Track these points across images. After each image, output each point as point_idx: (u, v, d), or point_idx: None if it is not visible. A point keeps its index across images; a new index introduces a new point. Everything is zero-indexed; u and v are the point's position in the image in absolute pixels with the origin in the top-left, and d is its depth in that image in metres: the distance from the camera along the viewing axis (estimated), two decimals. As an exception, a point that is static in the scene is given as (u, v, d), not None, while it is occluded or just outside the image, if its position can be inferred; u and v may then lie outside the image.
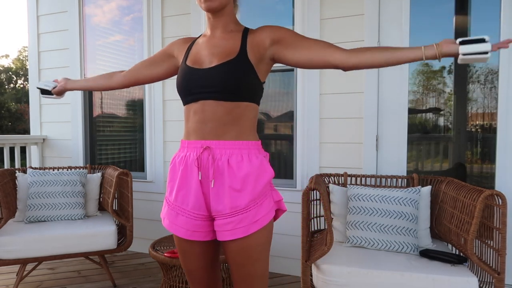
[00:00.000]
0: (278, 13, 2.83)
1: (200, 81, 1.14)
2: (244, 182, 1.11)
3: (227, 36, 1.19)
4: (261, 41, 1.16)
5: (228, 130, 1.13)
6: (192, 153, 1.15)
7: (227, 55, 1.15)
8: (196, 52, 1.22)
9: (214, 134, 1.13)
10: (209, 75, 1.14)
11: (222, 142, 1.12)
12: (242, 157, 1.12)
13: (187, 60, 1.22)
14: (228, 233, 1.11)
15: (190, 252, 1.19)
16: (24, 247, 2.25)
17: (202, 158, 1.13)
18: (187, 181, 1.15)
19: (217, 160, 1.12)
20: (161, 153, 3.13)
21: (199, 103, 1.15)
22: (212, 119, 1.13)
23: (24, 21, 33.09)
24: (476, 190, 1.75)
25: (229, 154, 1.12)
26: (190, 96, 1.16)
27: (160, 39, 3.08)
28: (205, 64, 1.17)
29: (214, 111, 1.12)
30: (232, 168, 1.11)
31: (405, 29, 2.42)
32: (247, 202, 1.10)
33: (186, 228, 1.15)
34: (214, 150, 1.12)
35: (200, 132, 1.14)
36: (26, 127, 17.62)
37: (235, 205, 1.10)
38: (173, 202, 1.18)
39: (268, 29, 1.18)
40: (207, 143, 1.13)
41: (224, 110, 1.12)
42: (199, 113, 1.14)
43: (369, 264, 1.75)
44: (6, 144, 3.24)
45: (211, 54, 1.17)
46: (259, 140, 1.20)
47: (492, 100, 2.38)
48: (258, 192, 1.12)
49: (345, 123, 2.56)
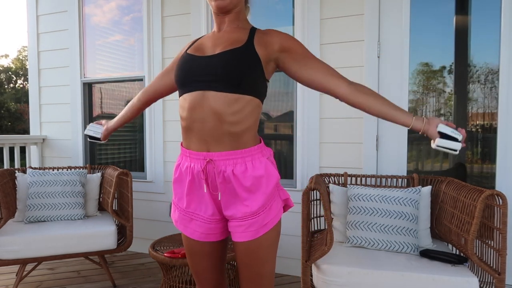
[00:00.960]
0: (278, 13, 2.82)
1: (200, 69, 1.09)
2: (251, 190, 1.11)
3: (234, 30, 1.16)
4: (270, 42, 1.13)
5: (228, 130, 1.07)
6: (196, 164, 1.12)
7: (232, 43, 1.10)
8: (200, 43, 1.19)
9: (213, 138, 1.08)
10: (211, 62, 1.08)
11: (224, 153, 1.08)
12: (246, 166, 1.10)
13: (188, 50, 1.19)
14: (239, 235, 1.13)
15: (200, 252, 1.20)
16: (24, 247, 2.25)
17: (207, 170, 1.11)
18: (197, 192, 1.15)
19: (222, 172, 1.10)
20: (161, 153, 3.12)
21: (197, 93, 1.08)
22: (211, 115, 1.06)
23: (24, 21, 33.07)
24: (476, 190, 1.75)
25: (233, 164, 1.09)
26: (188, 85, 1.10)
27: (160, 39, 3.08)
28: (207, 52, 1.13)
29: (213, 105, 1.05)
30: (238, 178, 1.10)
31: (405, 29, 2.41)
32: (256, 208, 1.11)
33: (201, 232, 1.17)
34: (218, 163, 1.09)
35: (200, 135, 1.09)
36: (26, 127, 17.62)
37: (244, 211, 1.12)
38: (185, 209, 1.19)
39: (279, 35, 1.15)
40: (209, 156, 1.09)
41: (225, 103, 1.05)
42: (197, 108, 1.07)
43: (369, 264, 1.75)
44: (6, 144, 3.24)
45: (215, 44, 1.14)
46: (260, 142, 1.17)
47: (492, 100, 2.38)
48: (266, 197, 1.12)
49: (345, 123, 2.56)
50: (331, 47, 2.57)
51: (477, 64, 2.41)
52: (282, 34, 1.15)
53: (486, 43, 2.36)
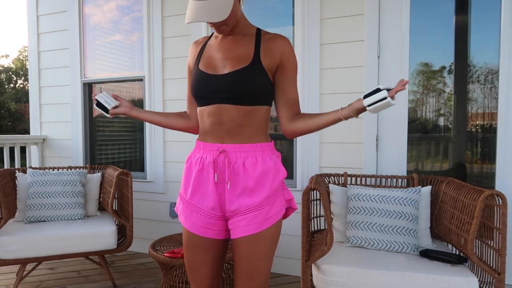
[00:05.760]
0: (278, 13, 2.82)
1: (214, 87, 1.16)
2: (259, 182, 1.16)
3: (240, 39, 1.19)
4: (274, 53, 1.17)
5: (244, 130, 1.16)
6: (208, 155, 1.19)
7: (240, 61, 1.15)
8: (209, 55, 1.22)
9: (230, 135, 1.16)
10: (223, 82, 1.15)
11: (237, 146, 1.16)
12: (256, 159, 1.17)
13: (199, 63, 1.22)
14: (241, 229, 1.15)
15: (197, 246, 1.21)
16: (24, 247, 2.25)
17: (218, 161, 1.17)
18: (203, 182, 1.19)
19: (232, 163, 1.16)
20: (161, 153, 3.13)
21: (214, 106, 1.17)
22: (228, 121, 1.16)
23: (24, 21, 33.03)
24: (476, 190, 1.75)
25: (245, 157, 1.16)
26: (205, 99, 1.18)
27: (160, 39, 3.08)
28: (218, 69, 1.18)
29: (230, 114, 1.15)
30: (247, 170, 1.15)
31: (405, 29, 2.41)
32: (261, 200, 1.15)
33: (199, 225, 1.20)
34: (230, 154, 1.16)
35: (217, 133, 1.17)
36: (26, 127, 17.61)
37: (249, 203, 1.15)
38: (188, 201, 1.22)
39: (283, 46, 1.18)
40: (223, 147, 1.17)
41: (240, 114, 1.15)
42: (214, 116, 1.17)
43: (369, 264, 1.75)
44: (6, 144, 3.24)
45: (224, 58, 1.18)
46: (272, 141, 1.24)
47: (492, 100, 2.38)
48: (272, 190, 1.17)
49: (345, 123, 2.55)
50: (331, 47, 2.57)
51: (477, 64, 2.41)
52: (286, 46, 1.18)
53: (486, 43, 2.36)
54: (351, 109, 1.12)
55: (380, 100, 1.06)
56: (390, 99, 1.05)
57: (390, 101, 1.05)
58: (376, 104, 1.07)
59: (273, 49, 1.17)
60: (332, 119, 1.15)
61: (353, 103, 1.12)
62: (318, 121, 1.18)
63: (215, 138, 1.18)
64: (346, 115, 1.13)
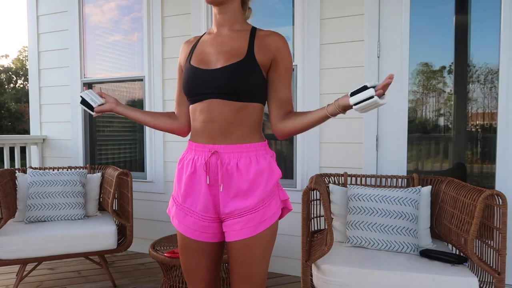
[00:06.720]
0: (278, 12, 2.82)
1: (206, 82, 1.13)
2: (253, 184, 1.12)
3: (234, 35, 1.17)
4: (268, 49, 1.14)
5: (236, 129, 1.13)
6: (200, 157, 1.15)
7: (234, 55, 1.13)
8: (201, 51, 1.19)
9: (221, 134, 1.13)
10: (215, 77, 1.12)
11: (229, 146, 1.12)
12: (250, 160, 1.13)
13: (191, 59, 1.20)
14: (236, 232, 1.12)
15: (193, 250, 1.19)
16: (24, 247, 2.25)
17: (211, 162, 1.13)
18: (195, 184, 1.16)
19: (225, 165, 1.12)
20: (161, 153, 3.13)
21: (205, 102, 1.14)
22: (220, 118, 1.12)
23: (24, 21, 33.06)
24: (476, 190, 1.75)
25: (238, 158, 1.12)
26: (197, 96, 1.15)
27: (160, 39, 3.08)
28: (211, 64, 1.15)
29: (221, 110, 1.12)
30: (241, 171, 1.12)
31: (405, 29, 2.41)
32: (256, 202, 1.12)
33: (194, 229, 1.17)
34: (222, 155, 1.12)
35: (208, 132, 1.14)
36: (26, 127, 17.62)
37: (244, 206, 1.12)
38: (181, 204, 1.19)
39: (277, 42, 1.15)
40: (215, 148, 1.13)
41: (232, 110, 1.12)
42: (206, 113, 1.14)
43: (369, 264, 1.75)
44: (6, 144, 3.24)
45: (217, 53, 1.15)
46: (265, 140, 1.21)
47: (492, 100, 2.38)
48: (267, 192, 1.14)
49: (345, 123, 2.56)
50: (331, 47, 2.57)
51: (477, 64, 2.41)
52: (280, 42, 1.16)
53: (486, 43, 2.36)
54: (337, 105, 1.05)
55: (367, 99, 0.97)
56: (377, 98, 0.96)
57: (377, 100, 0.96)
58: (362, 103, 0.98)
59: (268, 45, 1.14)
60: (319, 116, 1.10)
61: (339, 99, 1.05)
62: (304, 120, 1.14)
63: (206, 138, 1.15)
64: (333, 112, 1.07)
